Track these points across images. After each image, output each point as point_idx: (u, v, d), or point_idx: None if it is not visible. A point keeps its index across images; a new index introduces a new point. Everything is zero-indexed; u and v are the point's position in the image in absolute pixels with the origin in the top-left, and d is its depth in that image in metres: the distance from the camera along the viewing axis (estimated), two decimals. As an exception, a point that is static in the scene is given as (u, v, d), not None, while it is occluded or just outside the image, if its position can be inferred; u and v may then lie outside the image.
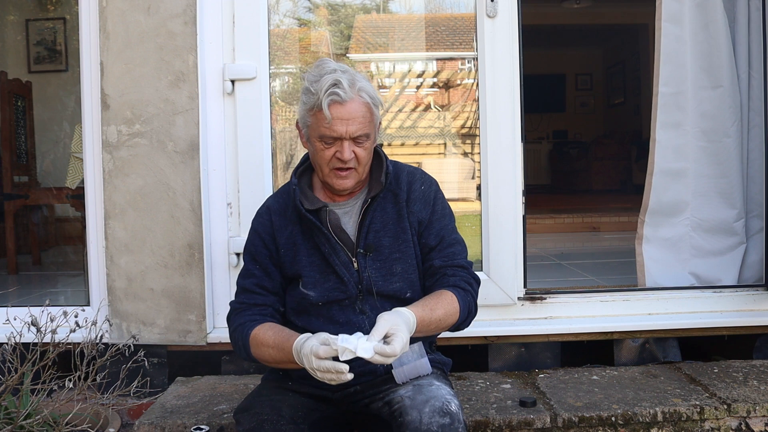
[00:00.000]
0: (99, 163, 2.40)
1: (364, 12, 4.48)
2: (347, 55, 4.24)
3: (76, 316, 1.92)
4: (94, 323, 2.03)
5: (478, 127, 2.49)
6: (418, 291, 1.76)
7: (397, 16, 4.61)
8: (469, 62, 5.15)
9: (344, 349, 1.44)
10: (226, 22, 2.43)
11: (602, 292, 2.58)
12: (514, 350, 2.50)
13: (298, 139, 3.03)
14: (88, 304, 2.50)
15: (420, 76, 5.39)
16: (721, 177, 2.61)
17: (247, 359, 1.71)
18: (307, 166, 1.81)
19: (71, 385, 1.87)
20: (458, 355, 2.22)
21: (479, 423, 1.97)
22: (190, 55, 2.35)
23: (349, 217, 1.76)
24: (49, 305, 1.95)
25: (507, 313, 2.50)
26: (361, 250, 1.72)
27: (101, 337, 2.05)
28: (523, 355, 2.50)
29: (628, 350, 2.53)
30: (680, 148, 2.62)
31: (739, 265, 2.65)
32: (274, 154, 2.53)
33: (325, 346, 1.47)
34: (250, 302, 1.75)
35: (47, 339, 1.86)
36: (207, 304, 2.39)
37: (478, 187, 2.52)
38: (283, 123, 3.04)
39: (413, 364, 1.58)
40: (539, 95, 8.17)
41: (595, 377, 2.33)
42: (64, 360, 1.99)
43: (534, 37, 5.07)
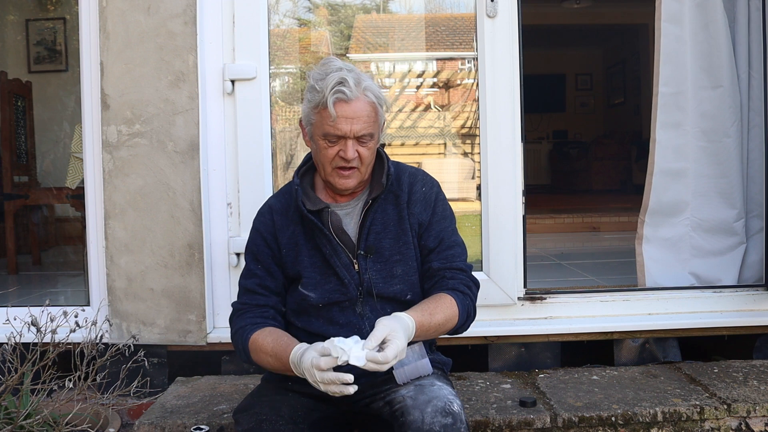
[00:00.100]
0: (99, 163, 2.40)
1: (364, 12, 4.48)
2: (347, 55, 4.24)
3: (76, 316, 1.91)
4: (94, 323, 2.03)
5: (478, 127, 2.49)
6: (419, 293, 1.75)
7: (397, 16, 4.61)
8: (469, 62, 5.15)
9: (342, 350, 1.43)
10: (226, 22, 2.43)
11: (602, 292, 2.58)
12: (514, 350, 2.50)
13: (297, 139, 3.04)
14: (88, 304, 2.50)
15: (420, 76, 5.39)
16: (721, 177, 2.61)
17: (249, 363, 1.71)
18: (310, 166, 1.81)
19: (71, 385, 1.87)
20: (458, 355, 2.21)
21: (479, 423, 1.97)
22: (190, 55, 2.35)
23: (351, 219, 1.75)
24: (49, 305, 1.95)
25: (507, 313, 2.50)
26: (362, 252, 1.71)
27: (101, 337, 2.05)
28: (523, 355, 2.50)
29: (628, 350, 2.53)
30: (680, 148, 2.62)
31: (739, 265, 2.65)
32: (274, 154, 2.53)
33: (326, 357, 1.46)
34: (252, 303, 1.74)
35: (47, 339, 1.86)
36: (207, 304, 2.39)
37: (478, 187, 2.52)
38: (283, 123, 3.04)
39: (414, 365, 1.58)
40: (539, 95, 8.17)
41: (595, 377, 2.33)
42: (64, 360, 1.99)
43: (534, 37, 5.06)
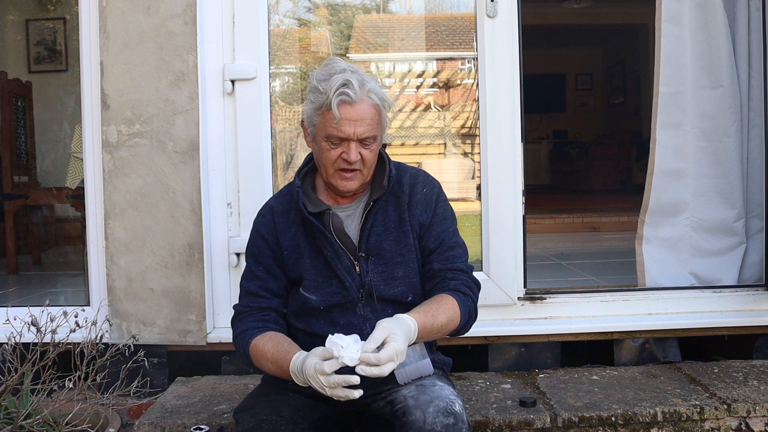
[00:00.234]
0: (99, 163, 2.40)
1: (364, 12, 4.48)
2: (347, 55, 4.25)
3: (76, 316, 1.91)
4: (94, 323, 2.03)
5: (478, 127, 2.49)
6: (420, 295, 1.74)
7: (397, 16, 4.61)
8: (469, 62, 5.15)
9: (340, 347, 1.43)
10: (226, 22, 2.43)
11: (602, 292, 2.58)
12: (514, 350, 2.50)
13: (298, 140, 3.04)
14: (88, 304, 2.50)
15: (420, 76, 5.39)
16: (721, 177, 2.61)
17: (250, 367, 1.71)
18: (311, 167, 1.79)
19: (71, 385, 1.87)
20: (458, 355, 2.21)
21: (479, 423, 1.97)
22: (190, 55, 2.35)
23: (352, 220, 1.74)
24: (49, 305, 1.95)
25: (507, 313, 2.50)
26: (363, 254, 1.70)
27: (101, 337, 2.05)
28: (523, 355, 2.50)
29: (628, 350, 2.53)
30: (680, 148, 2.62)
31: (739, 265, 2.65)
32: (274, 154, 2.53)
33: (329, 360, 1.44)
34: (253, 306, 1.73)
35: (47, 339, 1.86)
36: (207, 304, 2.39)
37: (478, 187, 2.52)
38: (283, 123, 3.04)
39: (415, 365, 1.57)
40: (539, 95, 8.16)
41: (595, 377, 2.33)
42: (64, 360, 1.99)
43: (534, 37, 5.06)
